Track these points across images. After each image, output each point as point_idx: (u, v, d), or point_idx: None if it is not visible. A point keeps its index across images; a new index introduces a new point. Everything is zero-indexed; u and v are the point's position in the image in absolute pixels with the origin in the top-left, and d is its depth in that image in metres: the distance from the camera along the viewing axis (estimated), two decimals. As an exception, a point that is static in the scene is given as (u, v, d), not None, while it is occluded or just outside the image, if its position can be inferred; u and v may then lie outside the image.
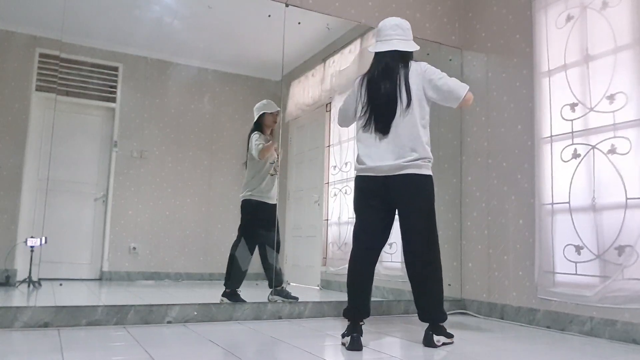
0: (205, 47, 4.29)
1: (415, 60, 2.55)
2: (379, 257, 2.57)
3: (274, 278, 3.36)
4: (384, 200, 2.48)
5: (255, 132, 3.59)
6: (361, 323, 2.41)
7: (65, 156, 3.80)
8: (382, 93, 2.46)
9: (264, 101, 3.69)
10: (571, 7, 3.12)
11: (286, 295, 3.30)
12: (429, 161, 2.48)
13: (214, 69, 4.34)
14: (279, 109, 3.69)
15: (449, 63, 3.99)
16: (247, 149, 3.63)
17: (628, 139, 2.73)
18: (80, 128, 3.98)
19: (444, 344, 2.44)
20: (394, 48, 2.50)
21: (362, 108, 2.53)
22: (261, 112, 3.64)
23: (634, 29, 2.77)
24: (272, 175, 3.59)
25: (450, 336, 2.49)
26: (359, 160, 2.53)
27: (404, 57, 2.51)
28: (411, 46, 2.55)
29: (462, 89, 2.50)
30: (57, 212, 3.71)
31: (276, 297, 3.25)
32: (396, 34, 2.52)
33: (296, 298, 3.28)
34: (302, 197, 4.38)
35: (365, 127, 2.51)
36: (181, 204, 4.18)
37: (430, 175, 2.47)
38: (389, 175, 2.42)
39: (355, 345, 2.28)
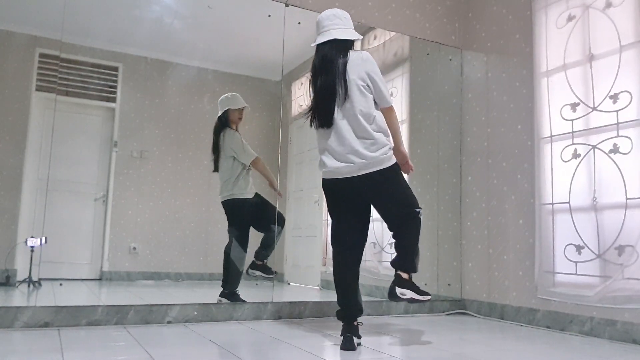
0: (205, 47, 4.29)
1: (361, 50, 2.49)
2: (380, 257, 2.56)
3: (261, 252, 3.37)
4: (354, 199, 2.44)
5: (229, 129, 3.51)
6: (357, 323, 2.40)
7: (65, 156, 3.79)
8: (320, 86, 2.40)
9: (229, 95, 3.58)
10: (572, 6, 3.12)
11: (265, 270, 3.26)
12: (389, 149, 2.40)
13: (214, 69, 4.33)
14: (245, 105, 3.58)
15: (449, 63, 3.99)
16: (219, 146, 3.52)
17: (630, 139, 2.73)
18: (80, 128, 3.98)
19: (412, 299, 2.35)
20: (332, 37, 2.42)
21: (311, 104, 2.47)
22: (225, 108, 3.53)
23: (639, 28, 2.77)
24: (248, 170, 3.52)
25: (423, 294, 2.38)
26: (319, 162, 2.47)
27: (343, 47, 2.43)
28: (351, 34, 2.47)
29: (389, 98, 2.43)
30: (57, 212, 3.71)
31: (256, 272, 3.24)
32: (334, 24, 2.45)
33: (275, 273, 3.23)
34: (302, 197, 4.38)
35: (312, 123, 2.46)
36: (181, 204, 4.17)
37: (392, 166, 2.39)
38: (351, 177, 2.36)
39: (347, 345, 2.28)
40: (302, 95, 4.36)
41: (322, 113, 2.40)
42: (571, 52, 3.11)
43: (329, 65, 2.39)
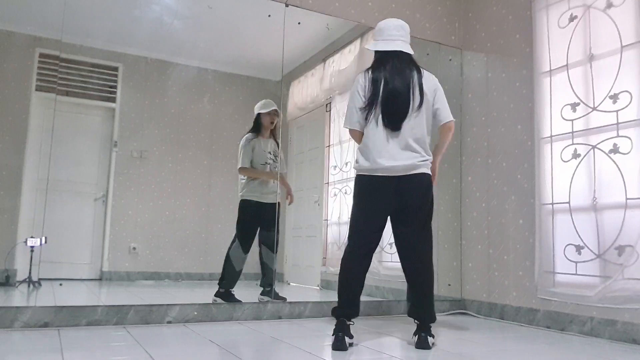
0: (205, 47, 4.29)
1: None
2: (380, 257, 2.57)
3: (263, 279, 3.43)
4: (390, 201, 2.46)
5: (247, 135, 3.59)
6: (349, 323, 2.39)
7: (65, 156, 3.79)
8: (392, 89, 2.45)
9: (262, 101, 3.67)
10: (574, 6, 3.12)
11: (275, 297, 3.29)
12: (430, 162, 2.56)
13: (214, 69, 4.33)
14: (274, 107, 3.64)
15: (449, 63, 3.99)
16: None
17: (630, 139, 2.73)
18: (80, 128, 3.98)
19: (432, 344, 2.44)
20: (399, 49, 2.53)
21: (369, 103, 2.49)
22: (256, 113, 3.63)
23: (639, 28, 2.77)
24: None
25: (433, 336, 2.49)
26: (367, 157, 2.47)
27: (411, 60, 2.55)
28: (411, 50, 2.59)
29: (450, 114, 2.60)
30: (57, 212, 3.71)
31: (265, 297, 3.25)
32: (400, 35, 2.56)
33: (284, 298, 3.25)
34: (302, 197, 4.38)
35: (373, 122, 2.48)
36: (181, 204, 4.18)
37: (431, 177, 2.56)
38: (402, 176, 2.43)
39: (339, 344, 2.27)
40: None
41: (391, 116, 2.46)
42: (572, 52, 3.11)
43: (401, 73, 2.48)
